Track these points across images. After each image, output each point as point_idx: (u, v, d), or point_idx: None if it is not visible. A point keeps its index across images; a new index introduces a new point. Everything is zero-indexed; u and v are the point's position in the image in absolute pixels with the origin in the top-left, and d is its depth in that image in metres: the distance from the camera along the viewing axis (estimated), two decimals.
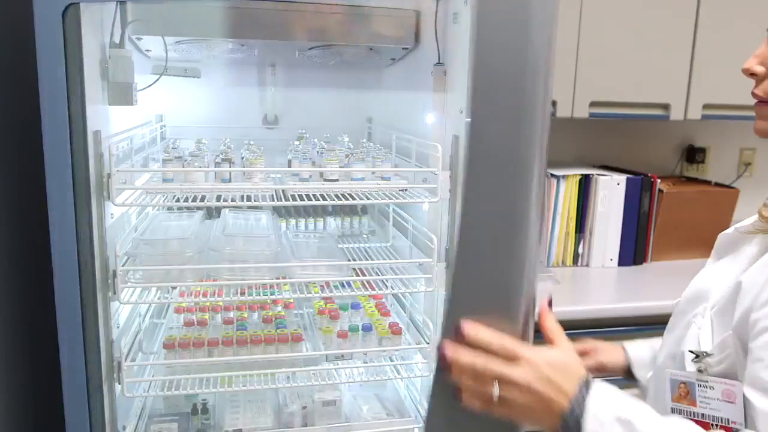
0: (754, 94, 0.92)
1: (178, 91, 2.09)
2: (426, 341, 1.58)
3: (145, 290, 1.51)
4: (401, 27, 1.79)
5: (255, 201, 1.45)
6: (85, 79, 1.22)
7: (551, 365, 0.77)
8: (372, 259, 1.81)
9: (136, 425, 1.61)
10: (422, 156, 1.65)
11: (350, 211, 2.15)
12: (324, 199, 1.50)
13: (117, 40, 1.45)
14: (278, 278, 1.52)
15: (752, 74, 0.90)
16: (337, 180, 1.55)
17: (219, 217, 1.87)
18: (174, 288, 1.54)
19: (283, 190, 1.51)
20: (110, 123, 1.45)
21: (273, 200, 1.47)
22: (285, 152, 1.71)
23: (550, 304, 0.89)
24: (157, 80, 1.62)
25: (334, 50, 1.84)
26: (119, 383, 1.39)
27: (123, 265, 1.37)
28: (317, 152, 1.66)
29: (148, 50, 1.78)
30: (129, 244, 1.50)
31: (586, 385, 0.76)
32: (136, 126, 1.79)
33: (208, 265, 1.49)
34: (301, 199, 1.48)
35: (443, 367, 0.81)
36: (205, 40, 1.70)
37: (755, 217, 0.97)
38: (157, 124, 2.06)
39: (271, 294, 1.58)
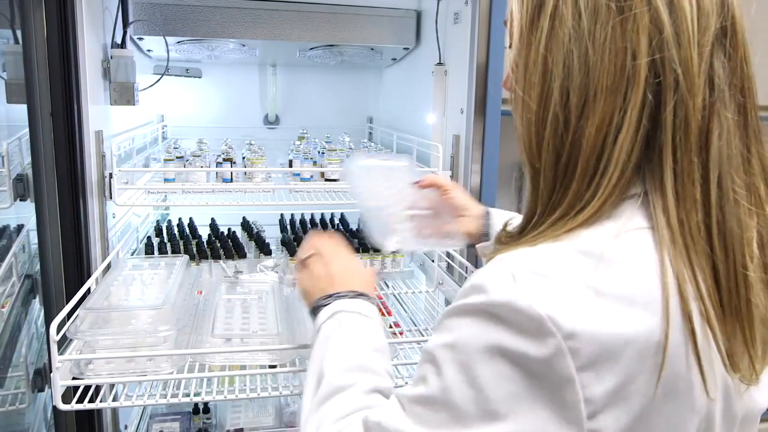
0: None
1: (180, 91, 2.10)
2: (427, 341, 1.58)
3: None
4: (402, 27, 1.79)
5: (256, 202, 1.45)
6: (87, 79, 1.22)
7: (341, 266, 0.91)
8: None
9: (137, 424, 1.62)
10: (423, 156, 1.65)
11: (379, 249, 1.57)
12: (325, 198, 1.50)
13: (119, 40, 1.45)
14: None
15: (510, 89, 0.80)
16: (337, 180, 1.55)
17: (207, 259, 1.52)
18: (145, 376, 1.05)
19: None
20: (112, 123, 1.46)
21: (273, 201, 1.46)
22: (286, 152, 1.71)
23: None
24: (158, 80, 1.62)
25: (335, 50, 1.84)
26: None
27: (61, 351, 0.97)
28: (318, 152, 1.66)
29: (149, 50, 1.78)
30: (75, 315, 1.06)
31: (349, 294, 0.85)
32: (138, 126, 1.79)
33: (190, 349, 1.09)
34: (302, 199, 1.49)
35: None
36: (207, 40, 1.71)
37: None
38: (159, 124, 2.06)
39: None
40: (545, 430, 0.50)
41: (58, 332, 0.94)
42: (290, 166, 1.61)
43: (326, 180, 1.55)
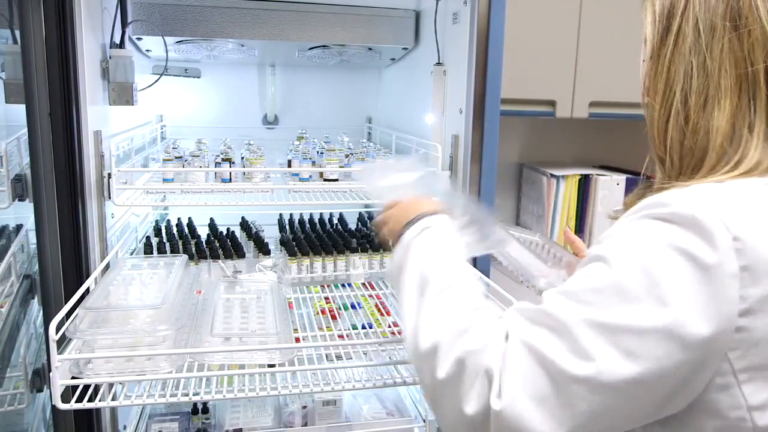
0: None
1: (179, 91, 2.10)
2: None
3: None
4: (401, 27, 1.79)
5: (254, 201, 1.45)
6: (86, 80, 1.22)
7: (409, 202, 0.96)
8: None
9: (136, 425, 1.62)
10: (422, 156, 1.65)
11: (380, 244, 1.62)
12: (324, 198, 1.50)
13: (117, 40, 1.45)
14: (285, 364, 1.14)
15: None
16: (337, 180, 1.55)
17: (206, 259, 1.52)
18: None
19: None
20: (110, 123, 1.46)
21: (273, 201, 1.46)
22: (285, 152, 1.71)
23: None
24: (157, 80, 1.62)
25: (334, 50, 1.85)
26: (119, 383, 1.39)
27: (60, 351, 0.97)
28: (317, 152, 1.66)
29: (148, 50, 1.78)
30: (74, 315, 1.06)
31: (423, 216, 0.89)
32: (137, 126, 1.79)
33: (189, 348, 1.10)
34: (301, 199, 1.49)
35: None
36: (206, 40, 1.71)
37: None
38: (158, 124, 2.06)
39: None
40: (701, 317, 0.57)
41: (57, 332, 0.94)
42: (289, 166, 1.61)
43: (325, 180, 1.55)
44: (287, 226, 1.87)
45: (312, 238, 1.66)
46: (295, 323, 1.42)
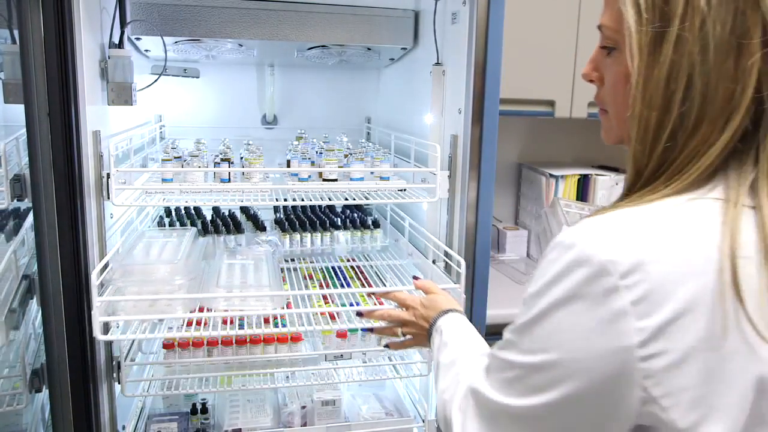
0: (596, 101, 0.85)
1: (178, 91, 2.10)
2: None
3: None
4: (400, 27, 1.79)
5: (254, 201, 1.45)
6: (84, 80, 1.22)
7: (424, 305, 1.20)
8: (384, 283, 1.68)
9: (135, 425, 1.62)
10: (421, 156, 1.65)
11: (361, 224, 1.91)
12: (323, 199, 1.50)
13: (116, 40, 1.45)
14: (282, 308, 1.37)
15: (591, 81, 0.84)
16: (336, 180, 1.55)
17: (214, 233, 1.75)
18: (161, 321, 1.41)
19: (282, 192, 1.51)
20: (109, 123, 1.46)
21: (272, 200, 1.46)
22: (284, 152, 1.71)
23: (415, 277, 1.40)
24: (156, 80, 1.62)
25: (333, 50, 1.85)
26: (119, 383, 1.40)
27: (101, 295, 1.24)
28: (316, 152, 1.66)
29: (147, 50, 1.78)
30: (108, 269, 1.32)
31: (444, 313, 1.13)
32: (136, 126, 1.79)
33: (200, 294, 1.35)
34: (301, 200, 1.49)
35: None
36: (204, 40, 1.71)
37: None
38: (157, 124, 2.06)
39: (275, 326, 1.39)
40: (596, 354, 0.60)
41: (97, 278, 1.20)
42: (288, 166, 1.61)
43: (324, 180, 1.55)
44: (281, 208, 2.04)
45: (302, 217, 1.87)
46: (294, 324, 1.43)
